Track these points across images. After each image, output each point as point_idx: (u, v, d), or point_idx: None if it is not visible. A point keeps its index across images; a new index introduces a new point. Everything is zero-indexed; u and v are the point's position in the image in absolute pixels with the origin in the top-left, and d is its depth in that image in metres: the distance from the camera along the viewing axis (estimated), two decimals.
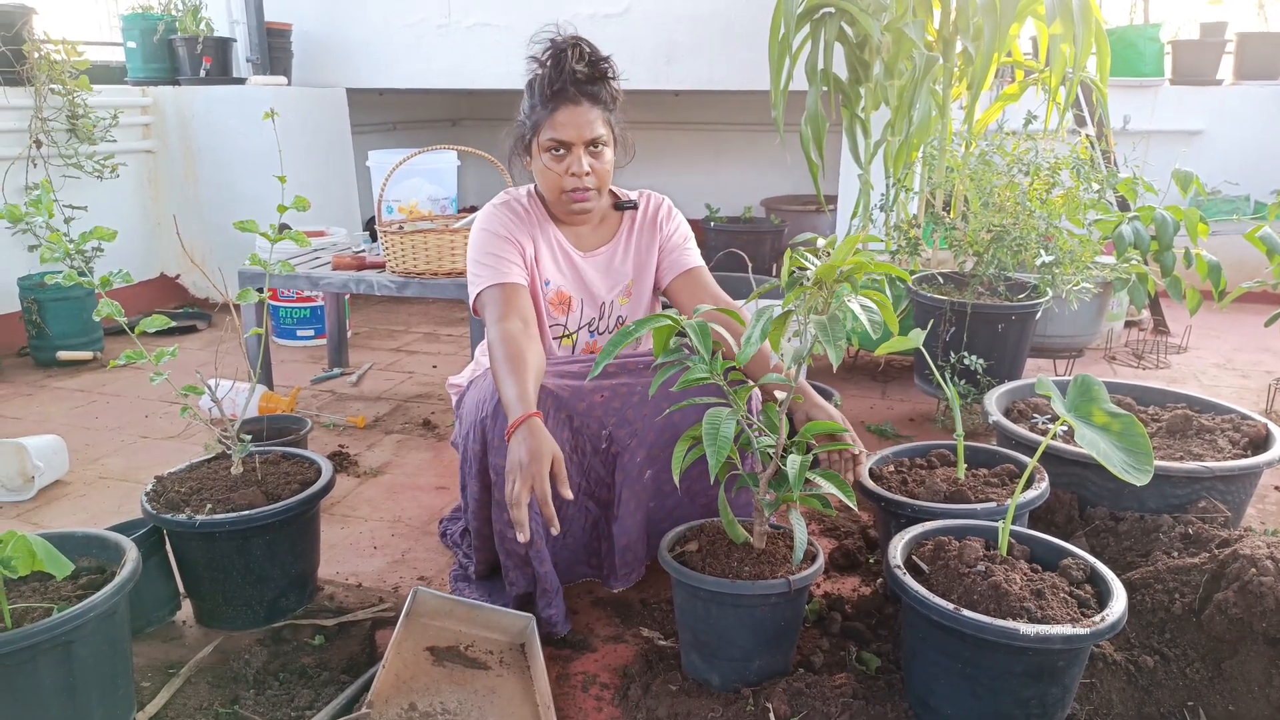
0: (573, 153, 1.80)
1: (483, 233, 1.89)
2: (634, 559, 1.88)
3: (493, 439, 1.72)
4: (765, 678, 1.58)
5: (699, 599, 1.55)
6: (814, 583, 1.67)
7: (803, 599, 1.61)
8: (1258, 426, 2.08)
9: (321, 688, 1.61)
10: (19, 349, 3.80)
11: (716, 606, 1.54)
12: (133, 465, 2.69)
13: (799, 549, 1.51)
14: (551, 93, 1.79)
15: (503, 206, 1.92)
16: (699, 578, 1.52)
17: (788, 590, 1.50)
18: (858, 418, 3.04)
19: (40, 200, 1.77)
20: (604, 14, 4.32)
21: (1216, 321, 4.18)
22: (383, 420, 3.07)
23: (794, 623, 1.60)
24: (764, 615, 1.54)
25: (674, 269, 2.00)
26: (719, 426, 1.46)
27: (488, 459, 1.74)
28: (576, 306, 1.98)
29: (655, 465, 1.84)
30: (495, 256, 1.85)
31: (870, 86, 3.15)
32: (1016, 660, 1.36)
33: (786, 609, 1.56)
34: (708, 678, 1.59)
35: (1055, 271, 2.84)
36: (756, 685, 1.57)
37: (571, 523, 1.85)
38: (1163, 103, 4.74)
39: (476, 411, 1.77)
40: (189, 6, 4.57)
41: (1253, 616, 1.47)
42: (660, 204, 2.04)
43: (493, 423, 1.72)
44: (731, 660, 1.57)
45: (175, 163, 4.59)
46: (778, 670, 1.60)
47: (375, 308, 4.73)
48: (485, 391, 1.78)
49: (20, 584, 1.49)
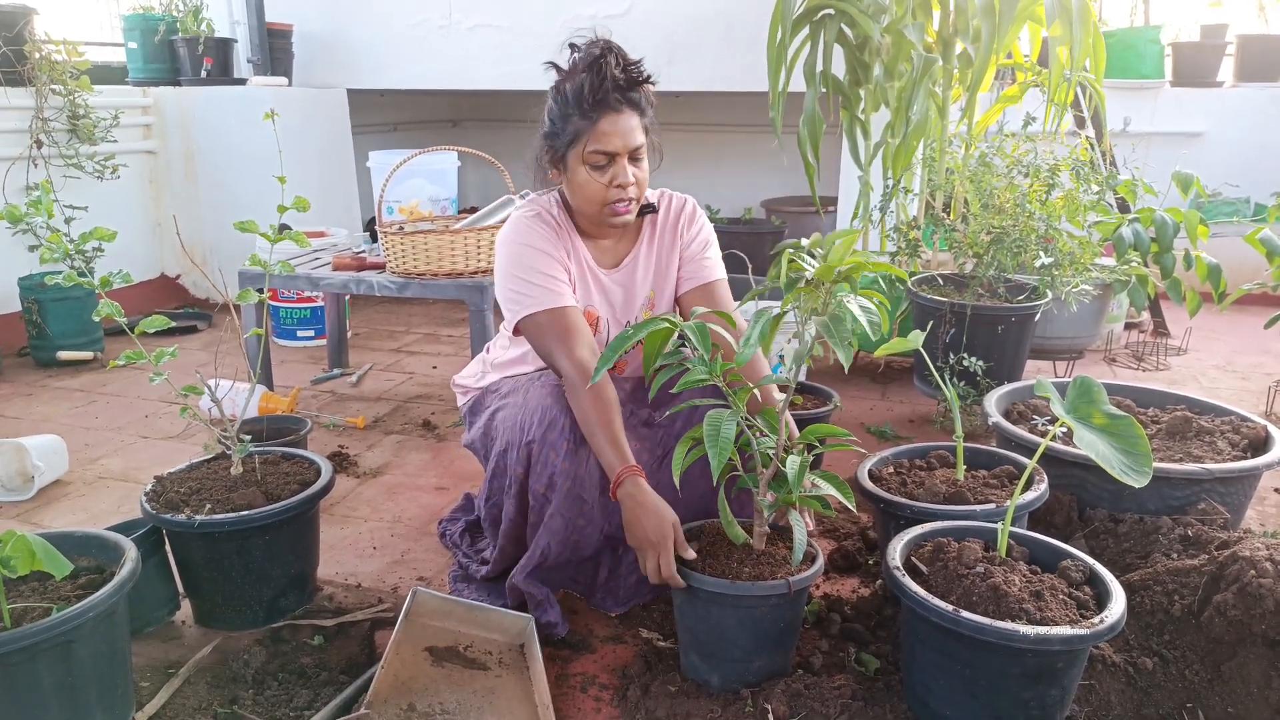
0: (617, 163, 1.71)
1: (526, 248, 1.78)
2: (639, 583, 1.84)
3: (536, 464, 1.70)
4: (765, 678, 1.58)
5: (699, 600, 1.55)
6: (813, 584, 1.66)
7: (802, 600, 1.61)
8: (1257, 429, 2.08)
9: (320, 688, 1.61)
10: (19, 349, 3.80)
11: (716, 608, 1.54)
12: (132, 465, 2.69)
13: (798, 550, 1.50)
14: (594, 101, 1.68)
15: (537, 220, 1.81)
16: (699, 578, 1.52)
17: (787, 591, 1.50)
18: (857, 419, 3.04)
19: (40, 201, 1.77)
20: (605, 15, 4.32)
21: (1216, 323, 4.18)
22: (382, 421, 3.07)
23: (794, 623, 1.60)
24: (764, 616, 1.54)
25: (691, 280, 1.92)
26: (720, 428, 1.45)
27: (529, 482, 1.72)
28: (603, 327, 1.90)
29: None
30: (546, 276, 1.76)
31: (870, 88, 3.15)
32: (1015, 662, 1.36)
33: (786, 610, 1.56)
34: (707, 678, 1.59)
35: (1055, 273, 2.84)
36: (756, 686, 1.57)
37: (579, 550, 1.82)
38: (1163, 104, 4.74)
39: (520, 433, 1.72)
40: (190, 7, 4.58)
41: (1252, 618, 1.47)
42: (683, 206, 1.94)
43: (540, 448, 1.69)
44: (731, 661, 1.57)
45: (176, 163, 4.59)
46: (777, 671, 1.60)
47: (375, 308, 4.73)
48: (530, 410, 1.72)
49: (19, 584, 1.49)
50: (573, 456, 1.69)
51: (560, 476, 1.69)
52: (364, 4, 4.79)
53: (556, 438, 1.69)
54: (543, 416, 1.70)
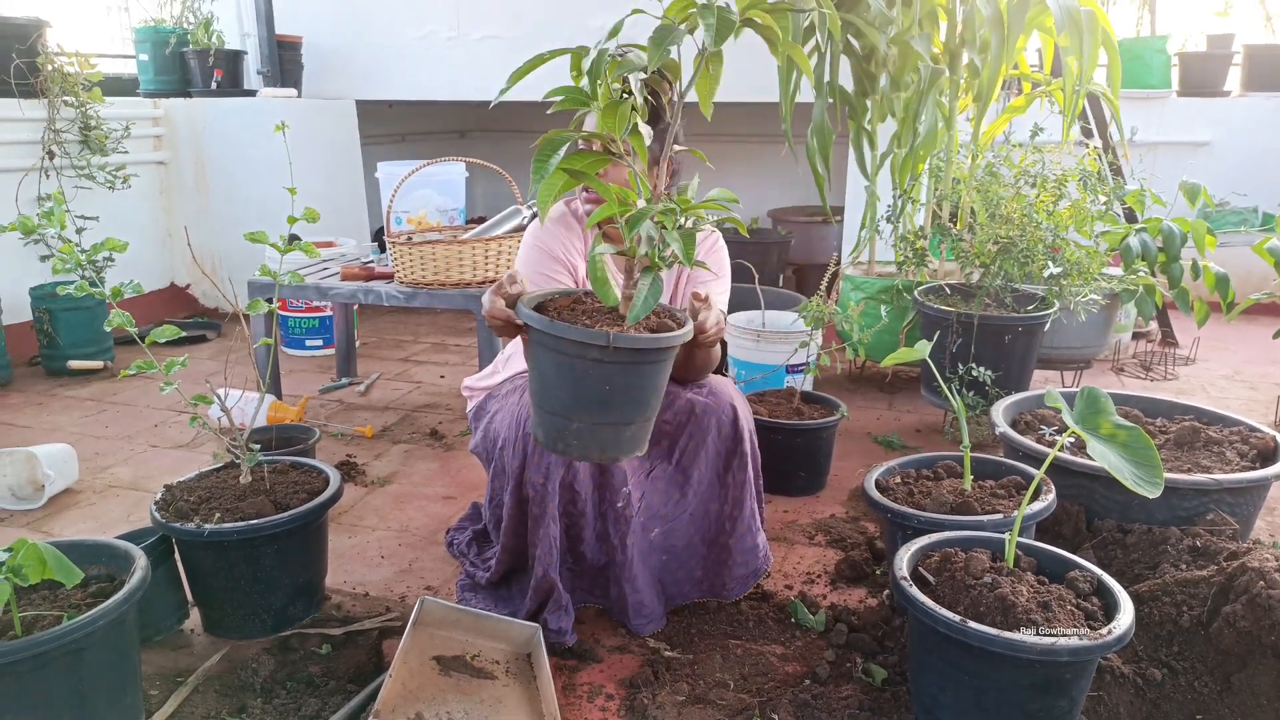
0: None
1: (532, 248, 1.89)
2: (650, 613, 1.85)
3: (532, 455, 1.72)
4: (590, 448, 1.44)
5: (531, 345, 1.43)
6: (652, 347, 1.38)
7: (639, 374, 1.41)
8: (1266, 439, 2.07)
9: (328, 697, 1.62)
10: (30, 358, 3.83)
11: (538, 349, 1.41)
12: (142, 474, 2.70)
13: (638, 306, 1.33)
14: None
15: (556, 221, 1.91)
16: (521, 311, 1.39)
17: (605, 344, 1.32)
18: (864, 428, 3.04)
19: (53, 212, 1.78)
20: (610, 28, 4.34)
21: (1224, 333, 4.17)
22: (390, 430, 3.08)
23: (625, 392, 1.40)
24: (584, 370, 1.37)
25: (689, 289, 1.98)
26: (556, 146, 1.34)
27: (525, 474, 1.74)
28: None
29: (663, 525, 1.85)
30: (543, 276, 1.85)
31: (877, 99, 3.16)
32: (1023, 673, 1.35)
33: (615, 372, 1.37)
34: (535, 433, 1.50)
35: (1063, 283, 2.84)
36: (574, 447, 1.43)
37: (583, 560, 1.84)
38: (1170, 114, 4.74)
39: (516, 428, 1.75)
40: (200, 19, 4.62)
41: (1261, 630, 1.46)
42: (705, 238, 1.99)
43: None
44: (550, 414, 1.44)
45: (186, 174, 4.62)
46: (605, 445, 1.44)
47: (383, 318, 4.75)
48: (524, 409, 1.75)
49: (30, 592, 1.50)
50: None
51: (555, 465, 1.71)
52: (373, 16, 4.83)
53: None
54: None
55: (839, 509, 2.44)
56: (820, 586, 2.03)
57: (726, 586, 1.91)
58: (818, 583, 2.05)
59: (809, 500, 2.51)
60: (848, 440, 2.90)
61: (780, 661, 1.74)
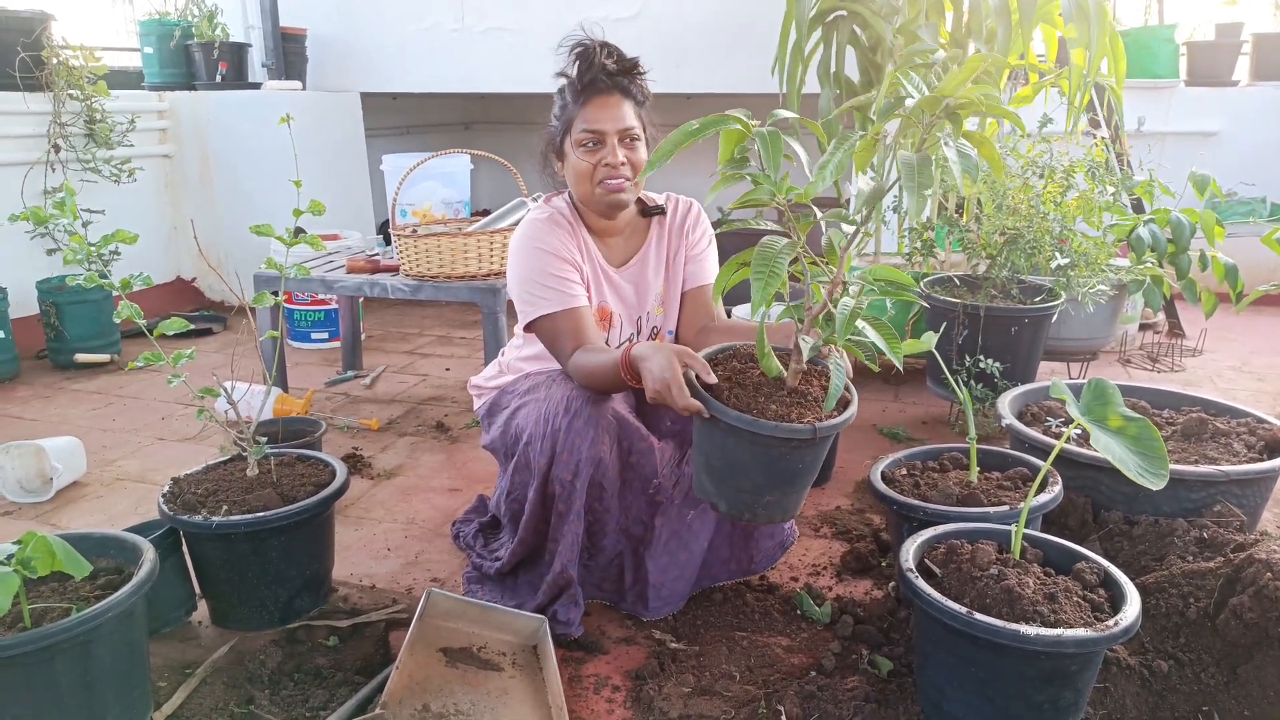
0: (606, 143, 1.77)
1: (538, 251, 1.81)
2: (670, 595, 1.86)
3: (561, 452, 1.72)
4: (775, 515, 1.53)
5: (717, 430, 1.46)
6: (841, 430, 1.50)
7: (826, 445, 1.50)
8: (1274, 430, 2.06)
9: (336, 688, 1.62)
10: (38, 351, 3.84)
11: (734, 441, 1.45)
12: (149, 467, 2.71)
13: (833, 394, 1.41)
14: (582, 86, 1.77)
15: (549, 222, 1.85)
16: (721, 409, 1.42)
17: (812, 437, 1.40)
18: (870, 420, 3.04)
19: (64, 203, 1.79)
20: (615, 18, 4.34)
21: (1232, 324, 4.15)
22: (396, 423, 3.08)
23: (813, 465, 1.51)
24: (782, 456, 1.44)
25: (692, 280, 1.99)
26: (774, 257, 1.30)
27: (553, 471, 1.74)
28: (617, 323, 1.95)
29: (697, 507, 1.85)
30: (558, 278, 1.79)
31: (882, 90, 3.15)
32: (1029, 664, 1.35)
33: (808, 453, 1.46)
34: (715, 501, 1.55)
35: (1070, 274, 2.83)
36: (761, 515, 1.51)
37: (601, 553, 1.85)
38: (1178, 104, 4.71)
39: (545, 424, 1.74)
40: (205, 12, 4.62)
41: (1268, 621, 1.46)
42: (689, 209, 2.00)
43: (566, 436, 1.71)
44: (741, 492, 1.50)
45: (191, 167, 4.63)
46: (790, 509, 1.54)
47: (389, 311, 4.75)
48: (556, 403, 1.75)
49: (39, 584, 1.51)
50: (597, 444, 1.71)
51: (585, 464, 1.71)
52: (377, 8, 4.82)
53: (583, 426, 1.71)
54: (568, 407, 1.73)
55: (845, 501, 2.44)
56: (826, 578, 2.03)
57: (755, 560, 1.93)
58: (823, 574, 2.05)
59: (815, 492, 2.50)
60: (853, 432, 2.90)
61: (786, 653, 1.74)
